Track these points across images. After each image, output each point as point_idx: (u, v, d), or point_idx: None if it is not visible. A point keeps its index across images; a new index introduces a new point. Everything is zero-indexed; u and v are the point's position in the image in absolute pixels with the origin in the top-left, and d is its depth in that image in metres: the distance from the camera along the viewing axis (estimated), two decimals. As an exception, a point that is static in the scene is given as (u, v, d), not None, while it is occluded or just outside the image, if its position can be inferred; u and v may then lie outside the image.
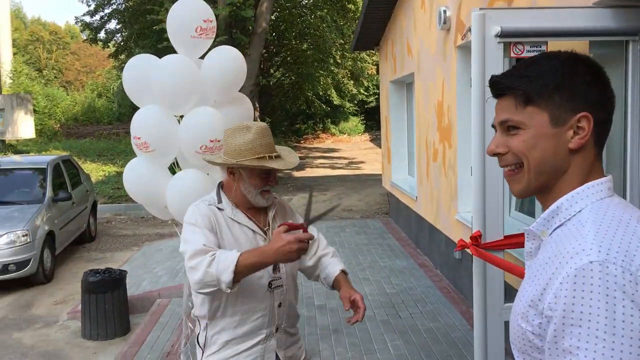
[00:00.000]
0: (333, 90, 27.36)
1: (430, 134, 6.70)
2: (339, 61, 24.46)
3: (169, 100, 3.51)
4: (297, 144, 28.59)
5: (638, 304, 0.95)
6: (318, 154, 24.68)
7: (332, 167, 20.03)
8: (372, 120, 31.77)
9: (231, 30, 15.65)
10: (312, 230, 2.36)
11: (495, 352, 2.84)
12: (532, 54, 2.82)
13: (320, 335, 5.06)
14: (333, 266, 2.40)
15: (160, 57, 3.63)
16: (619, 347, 0.94)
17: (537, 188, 1.17)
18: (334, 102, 28.27)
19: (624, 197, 2.94)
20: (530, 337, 1.08)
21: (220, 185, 2.35)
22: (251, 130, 2.20)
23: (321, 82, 25.83)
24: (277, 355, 2.28)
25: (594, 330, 0.96)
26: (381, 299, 5.99)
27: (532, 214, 4.55)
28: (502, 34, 2.70)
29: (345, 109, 31.00)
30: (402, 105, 9.29)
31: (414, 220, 8.12)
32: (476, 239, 2.75)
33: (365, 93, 30.49)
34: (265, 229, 2.29)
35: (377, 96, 30.95)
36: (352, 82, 27.91)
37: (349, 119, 31.95)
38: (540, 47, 2.80)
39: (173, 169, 3.72)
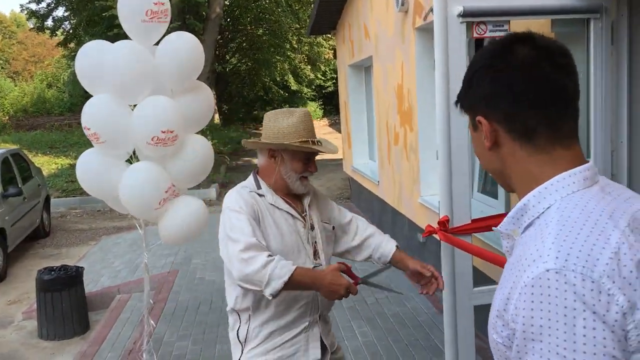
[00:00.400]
0: (290, 76, 27.16)
1: (391, 118, 6.66)
2: (296, 46, 24.27)
3: (121, 89, 3.34)
4: (255, 131, 28.29)
5: (600, 316, 0.85)
6: (277, 141, 24.45)
7: (292, 153, 19.86)
8: (330, 104, 31.70)
9: (184, 15, 15.29)
10: (347, 214, 2.52)
11: (465, 336, 2.82)
12: (495, 34, 2.78)
13: (286, 325, 4.99)
14: (386, 244, 2.45)
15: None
16: None
17: (507, 188, 1.14)
18: (292, 88, 28.08)
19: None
20: (502, 349, 1.00)
21: (256, 171, 2.32)
22: (295, 114, 2.21)
23: (278, 68, 25.61)
24: (322, 343, 2.26)
25: (554, 347, 0.87)
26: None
27: (494, 194, 4.56)
28: (465, 14, 2.64)
29: (303, 94, 30.83)
30: (361, 90, 9.24)
31: (376, 205, 8.11)
32: (444, 224, 2.70)
33: (323, 78, 30.39)
34: (304, 214, 2.28)
35: (334, 81, 30.91)
36: (309, 67, 27.76)
37: (307, 104, 31.79)
38: (503, 26, 2.75)
39: (132, 161, 3.56)
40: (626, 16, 2.84)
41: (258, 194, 2.21)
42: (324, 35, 19.52)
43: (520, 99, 1.02)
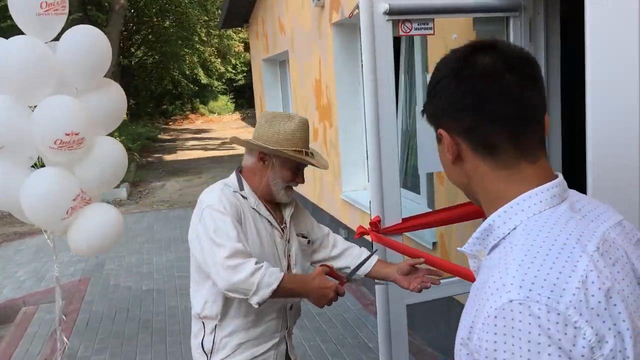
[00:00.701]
0: (200, 69, 26.58)
1: (309, 113, 6.60)
2: (205, 39, 23.72)
3: (17, 89, 3.06)
4: (165, 126, 27.46)
5: (567, 352, 0.80)
6: (189, 136, 23.88)
7: (205, 149, 19.44)
8: (242, 98, 31.32)
9: (85, 7, 14.48)
10: (324, 228, 2.44)
11: (398, 334, 2.80)
12: (420, 32, 2.76)
13: (210, 331, 4.81)
14: (366, 253, 2.35)
15: (6, 38, 3.13)
16: None
17: (475, 203, 1.07)
18: (202, 81, 27.50)
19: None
20: None
21: (239, 170, 2.17)
22: (293, 120, 2.09)
23: (187, 61, 24.99)
24: (287, 358, 2.22)
25: None
26: (270, 285, 5.84)
27: (416, 189, 4.59)
28: (391, 12, 2.59)
29: (213, 88, 30.27)
30: (276, 84, 9.12)
31: (295, 201, 8.03)
32: (376, 224, 2.66)
33: (234, 71, 29.95)
34: (282, 226, 2.18)
35: (245, 74, 30.55)
36: (219, 60, 27.23)
37: (218, 98, 31.26)
38: (428, 24, 2.74)
39: (37, 167, 3.27)
40: (542, 14, 2.93)
41: (241, 195, 2.09)
42: (234, 28, 19.18)
43: (482, 111, 0.95)
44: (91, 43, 3.19)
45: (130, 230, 8.58)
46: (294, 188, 2.20)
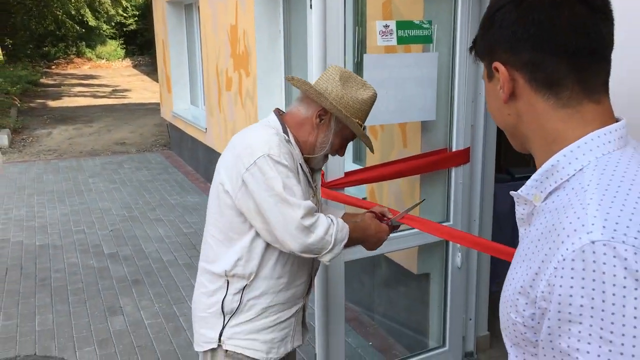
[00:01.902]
0: (87, 10, 24.64)
1: (222, 62, 6.26)
2: (93, -24, 21.94)
3: None
4: (47, 70, 25.36)
5: None
6: (75, 81, 22.20)
7: (94, 96, 18.17)
8: (132, 44, 29.52)
9: None
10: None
11: (335, 293, 2.73)
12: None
13: (118, 289, 4.51)
14: (334, 210, 2.21)
15: None
16: (629, 351, 0.72)
17: (521, 148, 1.00)
18: (89, 23, 25.49)
19: (451, 131, 2.98)
20: (522, 330, 0.87)
21: (280, 114, 1.92)
22: (368, 91, 1.89)
23: (72, 0, 22.98)
24: (303, 327, 2.08)
25: (597, 329, 0.74)
26: (179, 240, 5.58)
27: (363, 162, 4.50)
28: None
29: (102, 32, 28.22)
30: (181, 29, 8.57)
31: (202, 153, 7.71)
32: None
33: (124, 14, 28.04)
34: (314, 184, 2.01)
35: (137, 18, 28.73)
36: (109, 1, 25.35)
37: (106, 42, 29.21)
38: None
39: None
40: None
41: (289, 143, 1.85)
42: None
43: (548, 44, 0.87)
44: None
45: (15, 181, 7.86)
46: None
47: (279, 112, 1.93)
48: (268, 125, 1.86)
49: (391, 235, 2.15)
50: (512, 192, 0.98)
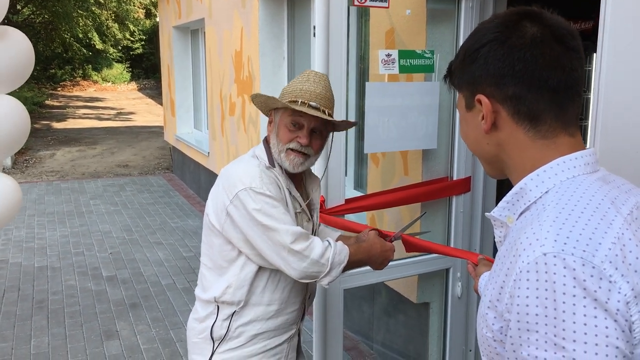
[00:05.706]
0: (95, 33, 24.90)
1: (226, 87, 6.30)
2: (102, 1, 22.23)
3: None
4: (53, 92, 25.58)
5: (602, 304, 0.77)
6: (80, 103, 22.38)
7: (99, 119, 18.31)
8: (138, 68, 29.83)
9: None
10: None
11: (334, 320, 2.70)
12: (374, 4, 2.64)
13: (115, 313, 4.47)
14: (331, 232, 2.18)
15: None
16: (581, 357, 0.77)
17: (497, 174, 1.06)
18: (96, 47, 25.79)
19: (452, 160, 2.98)
20: (493, 345, 0.91)
21: (265, 140, 1.88)
22: (310, 76, 1.81)
23: (80, 24, 23.27)
24: (297, 353, 2.07)
25: (551, 336, 0.79)
26: (179, 264, 5.55)
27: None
28: (348, -20, 2.45)
29: (108, 55, 28.53)
30: (187, 54, 8.66)
31: (204, 177, 7.72)
32: (321, 205, 2.53)
33: (131, 38, 28.38)
34: (307, 201, 1.93)
35: (144, 42, 29.07)
36: (116, 25, 25.68)
37: (113, 65, 29.52)
38: (383, -4, 2.62)
39: None
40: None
41: (274, 171, 1.82)
42: (136, -8, 18.13)
43: (532, 80, 0.93)
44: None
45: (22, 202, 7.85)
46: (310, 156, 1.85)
47: (265, 140, 1.93)
48: (254, 156, 1.86)
49: (390, 263, 2.13)
50: (487, 214, 1.03)
